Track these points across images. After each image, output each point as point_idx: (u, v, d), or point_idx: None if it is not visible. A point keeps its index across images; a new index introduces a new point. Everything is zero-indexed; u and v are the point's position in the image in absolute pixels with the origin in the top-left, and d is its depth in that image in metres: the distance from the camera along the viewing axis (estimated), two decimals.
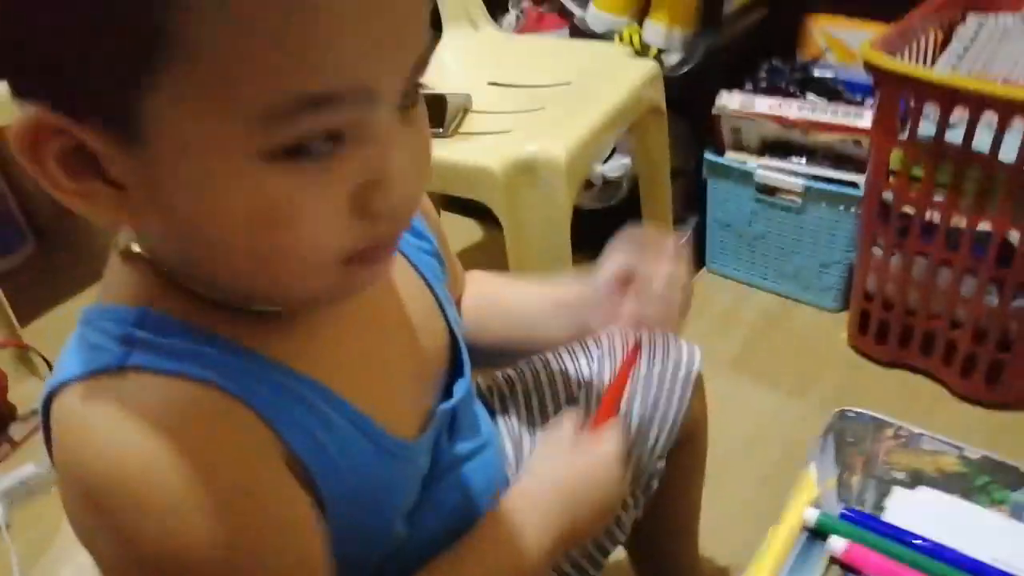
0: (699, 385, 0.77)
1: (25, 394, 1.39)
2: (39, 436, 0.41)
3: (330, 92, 0.33)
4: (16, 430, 1.37)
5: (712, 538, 0.92)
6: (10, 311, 1.42)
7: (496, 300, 0.68)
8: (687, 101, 1.42)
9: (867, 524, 0.55)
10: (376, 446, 0.47)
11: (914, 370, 1.33)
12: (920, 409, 1.27)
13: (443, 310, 0.57)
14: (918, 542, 0.53)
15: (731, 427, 1.24)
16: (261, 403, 0.41)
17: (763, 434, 1.25)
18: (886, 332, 1.33)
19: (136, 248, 0.41)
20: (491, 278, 0.71)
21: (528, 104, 1.14)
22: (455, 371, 0.58)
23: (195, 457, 0.37)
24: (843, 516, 0.56)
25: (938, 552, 0.53)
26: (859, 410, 0.64)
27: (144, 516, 0.37)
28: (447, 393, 0.57)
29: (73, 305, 1.53)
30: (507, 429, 0.72)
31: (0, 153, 1.83)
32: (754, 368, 1.38)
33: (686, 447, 0.78)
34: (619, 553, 0.88)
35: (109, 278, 0.43)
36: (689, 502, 0.87)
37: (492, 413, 0.73)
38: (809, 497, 0.58)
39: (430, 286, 0.57)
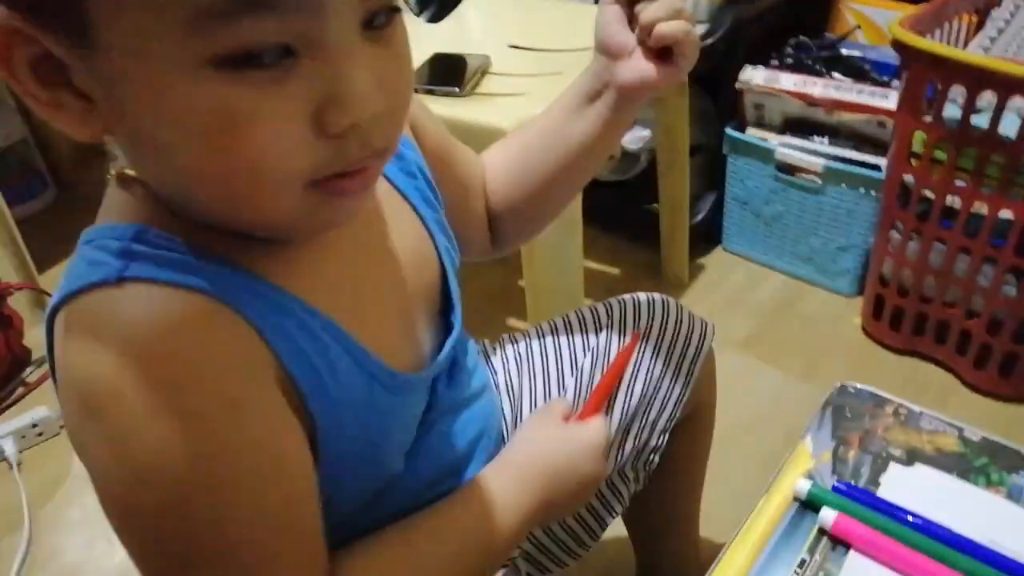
0: (709, 363, 0.76)
1: (40, 338, 1.41)
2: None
3: None
4: (31, 373, 1.39)
5: (711, 516, 0.92)
6: (28, 256, 1.43)
7: (525, 143, 0.68)
8: (711, 75, 1.40)
9: (859, 498, 0.54)
10: (369, 375, 0.47)
11: (926, 359, 1.32)
12: (931, 398, 1.25)
13: (433, 239, 0.57)
14: (910, 518, 0.53)
15: (737, 406, 1.23)
16: (257, 318, 0.41)
17: (768, 415, 1.24)
18: (900, 319, 1.31)
19: (131, 172, 0.42)
20: (508, 137, 0.70)
21: (547, 68, 1.13)
22: (448, 309, 0.58)
23: (184, 364, 0.38)
24: (835, 489, 0.55)
25: (930, 529, 0.52)
26: (859, 386, 0.63)
27: (128, 416, 0.38)
28: (445, 332, 0.57)
29: None
30: (508, 394, 0.71)
31: (25, 106, 1.85)
32: (764, 349, 1.37)
33: (691, 424, 0.77)
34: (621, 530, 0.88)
35: (107, 201, 0.44)
36: (691, 479, 0.86)
37: (496, 381, 0.72)
38: (803, 469, 0.57)
39: (419, 214, 0.56)
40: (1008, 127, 1.05)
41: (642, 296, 0.74)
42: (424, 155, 0.59)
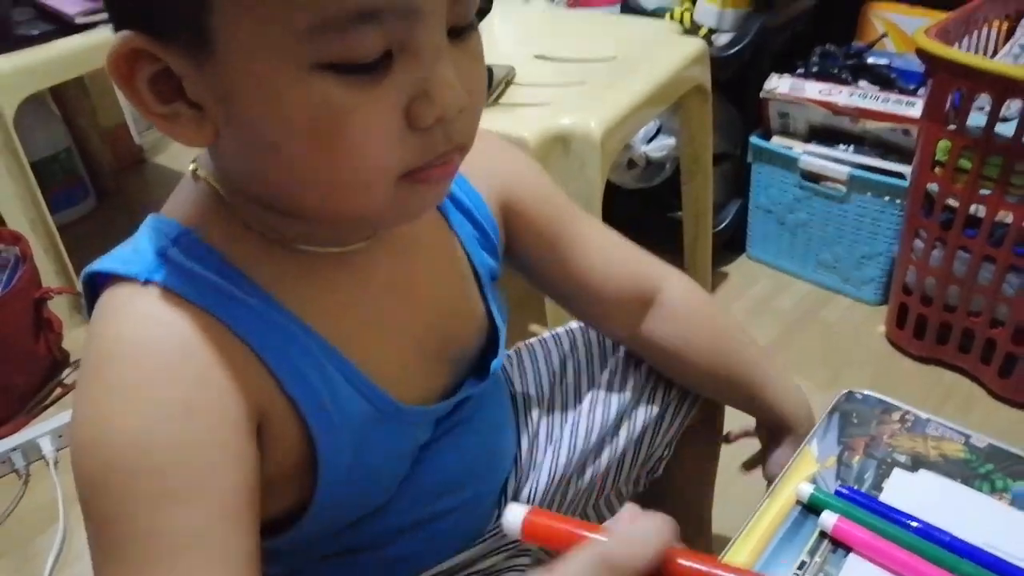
0: None
1: (79, 340, 1.46)
2: None
3: (377, 7, 0.36)
4: (69, 375, 1.43)
5: (726, 521, 0.92)
6: (68, 261, 1.48)
7: (720, 342, 0.71)
8: (736, 83, 1.41)
9: (860, 502, 0.55)
10: (371, 404, 0.49)
11: (951, 367, 1.31)
12: (954, 407, 1.25)
13: (486, 299, 0.58)
14: (911, 523, 0.53)
15: None
16: (258, 341, 0.44)
17: None
18: (924, 327, 1.31)
19: (202, 172, 0.45)
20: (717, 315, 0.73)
21: (571, 78, 1.15)
22: (488, 357, 0.59)
23: (157, 363, 0.41)
24: (837, 493, 0.56)
25: (930, 533, 0.52)
26: (867, 392, 0.64)
27: (102, 389, 0.41)
28: (477, 377, 0.58)
29: None
30: (524, 413, 0.72)
31: (69, 116, 1.92)
32: (787, 357, 1.37)
33: (700, 432, 0.78)
34: None
35: (176, 192, 0.47)
36: (700, 486, 0.87)
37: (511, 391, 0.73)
38: (807, 473, 0.58)
39: (477, 275, 0.58)
40: None
41: None
42: (524, 235, 0.61)
